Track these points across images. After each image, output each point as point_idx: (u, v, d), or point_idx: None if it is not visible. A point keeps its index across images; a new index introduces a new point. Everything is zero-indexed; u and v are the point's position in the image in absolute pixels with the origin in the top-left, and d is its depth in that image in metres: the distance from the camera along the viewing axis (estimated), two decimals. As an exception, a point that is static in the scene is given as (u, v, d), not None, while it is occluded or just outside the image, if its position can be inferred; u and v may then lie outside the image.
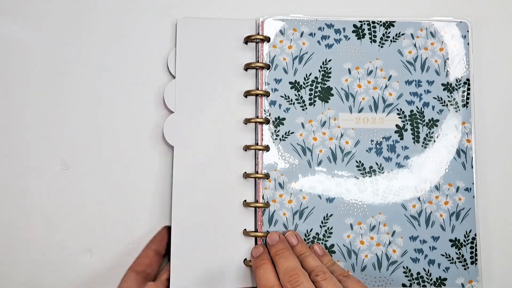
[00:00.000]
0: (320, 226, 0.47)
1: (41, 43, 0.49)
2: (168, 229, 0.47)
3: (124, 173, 0.48)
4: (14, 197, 0.47)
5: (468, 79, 0.49)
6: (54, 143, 0.48)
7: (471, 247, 0.48)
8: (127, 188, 0.48)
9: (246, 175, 0.47)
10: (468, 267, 0.47)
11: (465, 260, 0.47)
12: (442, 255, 0.47)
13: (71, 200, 0.47)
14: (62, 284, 0.47)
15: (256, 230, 0.47)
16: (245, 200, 0.47)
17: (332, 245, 0.47)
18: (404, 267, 0.47)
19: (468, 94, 0.49)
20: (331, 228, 0.47)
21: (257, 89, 0.48)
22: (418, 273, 0.47)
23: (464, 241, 0.48)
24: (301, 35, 0.49)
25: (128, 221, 0.47)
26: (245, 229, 0.47)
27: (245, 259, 0.47)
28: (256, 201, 0.47)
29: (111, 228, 0.47)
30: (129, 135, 0.48)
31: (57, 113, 0.48)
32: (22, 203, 0.47)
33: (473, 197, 0.48)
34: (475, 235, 0.48)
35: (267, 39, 0.48)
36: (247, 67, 0.48)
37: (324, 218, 0.47)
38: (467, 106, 0.49)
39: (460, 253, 0.47)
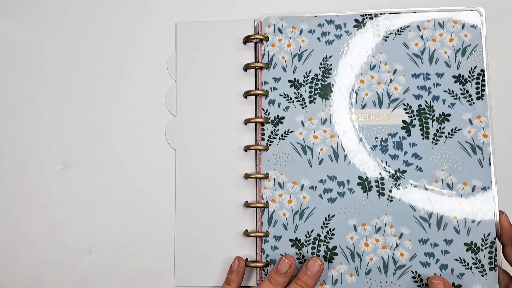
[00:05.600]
0: (322, 227, 0.45)
1: (41, 43, 0.51)
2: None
3: (124, 174, 0.49)
4: (14, 197, 0.49)
5: (482, 70, 0.46)
6: (54, 143, 0.50)
7: (490, 252, 0.44)
8: (127, 189, 0.49)
9: (246, 176, 0.47)
10: (486, 274, 0.43)
11: (482, 265, 0.43)
12: (456, 260, 0.44)
13: (71, 200, 0.49)
14: (62, 284, 0.48)
15: (257, 231, 0.46)
16: (246, 201, 0.47)
17: (335, 247, 0.45)
18: (413, 272, 0.44)
19: (483, 85, 0.46)
20: (333, 229, 0.45)
21: (257, 89, 0.48)
22: (429, 279, 0.44)
23: (482, 245, 0.44)
24: (300, 32, 0.48)
25: (128, 221, 0.48)
26: (246, 230, 0.47)
27: (247, 259, 0.46)
28: (257, 201, 0.47)
29: (111, 228, 0.48)
30: (130, 136, 0.50)
31: (57, 114, 0.50)
32: (22, 203, 0.49)
33: (492, 196, 0.44)
34: (495, 238, 0.44)
35: (266, 39, 0.48)
36: (247, 67, 0.48)
37: (325, 219, 0.46)
38: (482, 99, 0.45)
39: (476, 258, 0.44)
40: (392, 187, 0.45)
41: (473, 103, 0.46)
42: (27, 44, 0.51)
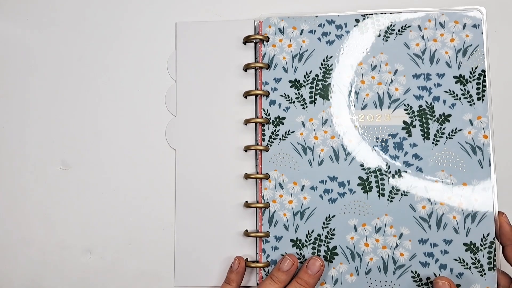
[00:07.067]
0: (322, 227, 0.46)
1: (41, 43, 0.51)
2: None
3: (124, 174, 0.49)
4: (14, 197, 0.49)
5: (483, 70, 0.46)
6: (54, 143, 0.50)
7: (489, 252, 0.44)
8: (127, 189, 0.49)
9: (246, 176, 0.47)
10: (485, 273, 0.44)
11: (481, 265, 0.44)
12: (455, 259, 0.44)
13: (71, 200, 0.49)
14: (62, 284, 0.48)
15: (257, 231, 0.46)
16: (246, 201, 0.47)
17: (335, 247, 0.45)
18: (412, 271, 0.44)
19: (484, 86, 0.46)
20: (334, 230, 0.46)
21: (257, 89, 0.48)
22: (428, 278, 0.44)
23: (481, 245, 0.44)
24: (301, 33, 0.48)
25: (128, 221, 0.48)
26: (246, 230, 0.47)
27: (247, 259, 0.46)
28: (257, 202, 0.47)
29: (111, 228, 0.48)
30: (130, 137, 0.49)
31: (57, 114, 0.50)
32: (22, 203, 0.49)
33: (492, 197, 0.44)
34: (494, 239, 0.44)
35: (266, 39, 0.48)
36: (247, 67, 0.48)
37: (326, 219, 0.46)
38: (483, 99, 0.45)
39: (476, 258, 0.44)
40: (392, 188, 0.45)
41: (474, 103, 0.46)
42: (27, 44, 0.51)
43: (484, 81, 0.46)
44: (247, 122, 0.47)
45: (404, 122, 0.46)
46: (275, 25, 0.48)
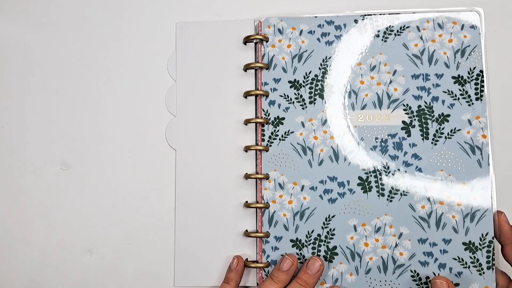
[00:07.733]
0: (322, 228, 0.46)
1: (41, 43, 0.51)
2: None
3: (124, 174, 0.49)
4: (14, 197, 0.49)
5: (481, 71, 0.46)
6: (54, 143, 0.50)
7: (488, 251, 0.44)
8: (128, 189, 0.49)
9: (246, 176, 0.47)
10: (484, 272, 0.44)
11: (480, 265, 0.44)
12: (455, 259, 0.44)
13: (71, 200, 0.49)
14: (62, 284, 0.48)
15: (257, 231, 0.46)
16: (246, 201, 0.47)
17: (335, 247, 0.45)
18: (412, 271, 0.45)
19: (482, 86, 0.46)
20: (334, 230, 0.46)
21: (257, 89, 0.48)
22: (427, 277, 0.44)
23: (480, 244, 0.44)
24: (300, 33, 0.48)
25: (128, 221, 0.48)
26: (246, 230, 0.47)
27: (247, 259, 0.46)
28: (257, 202, 0.47)
29: (111, 228, 0.48)
30: (130, 137, 0.49)
31: (57, 114, 0.50)
32: (22, 203, 0.49)
33: (491, 197, 0.45)
34: (493, 238, 0.44)
35: (266, 39, 0.48)
36: (247, 67, 0.48)
37: (326, 219, 0.46)
38: (481, 99, 0.46)
39: (475, 257, 0.44)
40: (391, 188, 0.46)
41: (472, 103, 0.46)
42: (27, 44, 0.51)
43: (482, 81, 0.46)
44: (247, 122, 0.47)
45: (403, 122, 0.46)
46: (274, 26, 0.48)
